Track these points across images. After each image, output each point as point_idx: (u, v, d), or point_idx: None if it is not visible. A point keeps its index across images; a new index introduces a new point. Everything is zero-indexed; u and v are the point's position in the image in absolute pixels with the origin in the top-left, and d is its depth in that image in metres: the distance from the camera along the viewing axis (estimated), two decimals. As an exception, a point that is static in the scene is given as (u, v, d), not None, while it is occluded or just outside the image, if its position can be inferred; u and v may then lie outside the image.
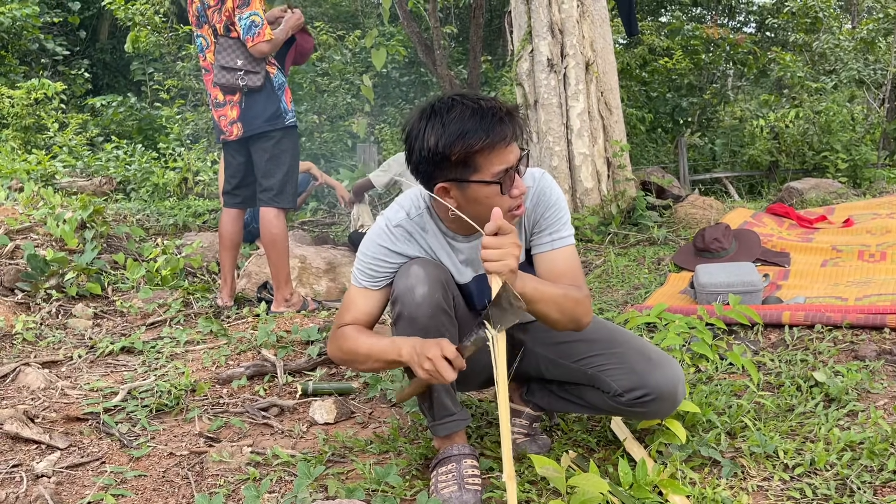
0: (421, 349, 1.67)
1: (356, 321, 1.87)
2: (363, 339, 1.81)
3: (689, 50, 11.96)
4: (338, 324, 1.89)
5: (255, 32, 3.45)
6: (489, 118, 1.61)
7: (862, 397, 2.29)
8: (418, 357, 1.66)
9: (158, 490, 2.00)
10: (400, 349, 1.72)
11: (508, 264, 1.53)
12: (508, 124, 1.63)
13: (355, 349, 1.81)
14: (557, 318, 1.72)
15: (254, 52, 3.49)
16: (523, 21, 5.93)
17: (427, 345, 1.67)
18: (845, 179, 8.35)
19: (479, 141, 1.61)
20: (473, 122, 1.61)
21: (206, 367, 2.95)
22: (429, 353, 1.64)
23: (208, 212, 6.74)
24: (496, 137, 1.61)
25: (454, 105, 1.64)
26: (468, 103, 1.64)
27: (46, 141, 9.95)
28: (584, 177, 5.70)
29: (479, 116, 1.61)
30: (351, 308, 1.88)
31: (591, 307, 1.83)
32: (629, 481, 1.78)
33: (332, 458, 2.14)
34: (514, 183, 1.67)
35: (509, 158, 1.64)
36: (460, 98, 1.66)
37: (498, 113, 1.62)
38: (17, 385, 2.76)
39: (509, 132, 1.63)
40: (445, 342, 1.67)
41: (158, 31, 11.72)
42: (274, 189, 3.62)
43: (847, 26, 14.19)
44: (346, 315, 1.88)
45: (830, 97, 10.06)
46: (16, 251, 4.20)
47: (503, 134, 1.62)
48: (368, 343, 1.80)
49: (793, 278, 3.86)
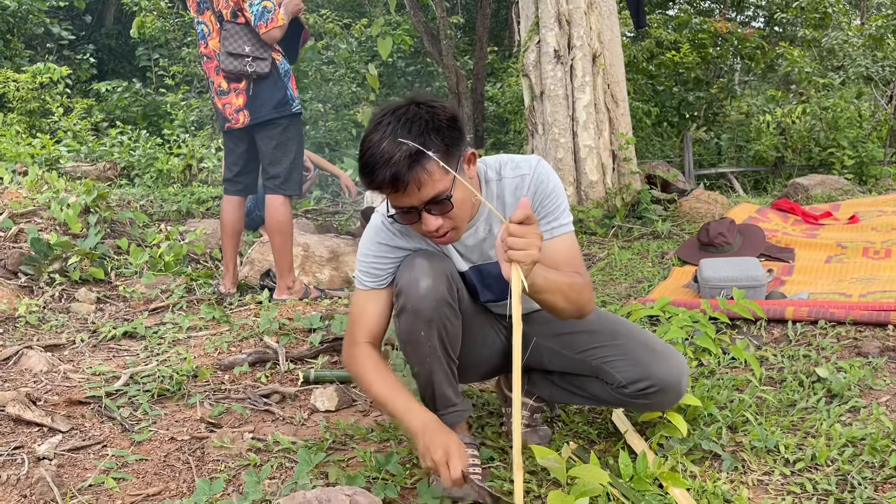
0: (430, 440, 1.64)
1: (371, 335, 1.84)
2: (380, 385, 1.78)
3: (697, 44, 11.90)
4: (352, 340, 1.85)
5: (269, 18, 3.43)
6: (373, 163, 1.56)
7: (864, 394, 2.29)
8: (423, 446, 1.65)
9: (159, 474, 2.01)
10: (410, 423, 1.70)
11: (532, 255, 1.50)
12: (387, 172, 1.54)
13: (370, 390, 1.80)
14: (564, 306, 1.71)
15: (266, 38, 3.46)
16: (531, 12, 5.90)
17: (437, 440, 1.64)
18: (851, 176, 8.31)
19: (365, 184, 1.61)
20: (363, 162, 1.58)
21: (208, 354, 2.95)
22: (434, 455, 1.62)
23: (212, 199, 6.73)
24: (373, 185, 1.59)
25: (376, 129, 1.59)
26: (375, 138, 1.57)
27: (51, 125, 9.96)
28: (589, 169, 5.69)
29: (369, 156, 1.57)
30: (362, 318, 1.84)
31: (593, 294, 1.82)
32: (630, 473, 1.78)
33: (333, 445, 2.14)
34: (418, 220, 1.64)
35: (402, 201, 1.60)
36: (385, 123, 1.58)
37: (384, 157, 1.54)
38: (19, 368, 2.76)
39: (386, 183, 1.56)
40: (454, 449, 1.63)
41: (164, 16, 11.70)
42: (281, 176, 3.62)
43: (856, 22, 14.12)
44: (358, 330, 1.84)
45: (838, 93, 10.00)
46: (19, 235, 4.21)
47: (378, 182, 1.57)
48: (383, 389, 1.77)
49: (797, 274, 3.85)
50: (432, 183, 1.58)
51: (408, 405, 1.73)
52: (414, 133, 1.56)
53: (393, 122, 1.58)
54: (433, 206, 1.61)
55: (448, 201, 1.61)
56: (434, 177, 1.57)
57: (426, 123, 1.57)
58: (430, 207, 1.61)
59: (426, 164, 1.56)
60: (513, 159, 1.82)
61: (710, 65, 12.36)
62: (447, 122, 1.61)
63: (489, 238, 1.82)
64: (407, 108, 1.60)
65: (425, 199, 1.59)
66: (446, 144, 1.59)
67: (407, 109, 1.60)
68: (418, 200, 1.60)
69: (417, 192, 1.58)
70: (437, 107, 1.62)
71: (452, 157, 1.61)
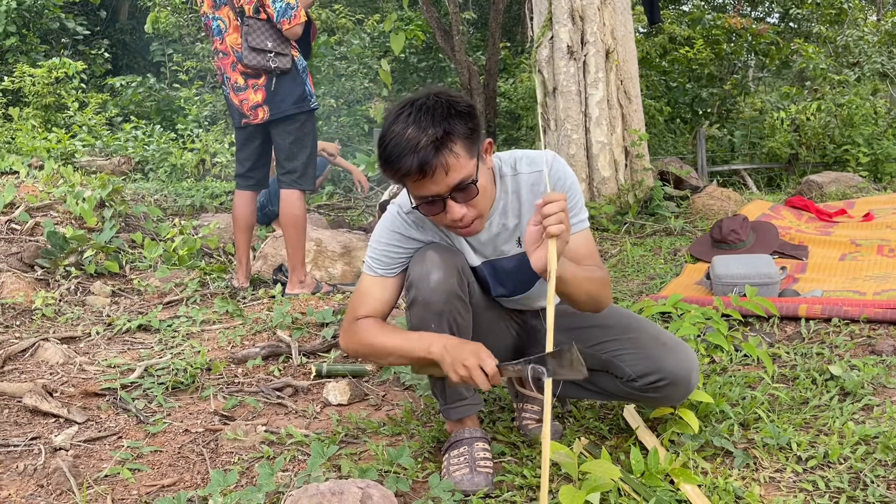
0: (456, 353, 1.64)
1: (373, 312, 1.84)
2: (386, 333, 1.79)
3: (711, 40, 11.83)
4: (353, 316, 1.85)
5: (292, 15, 3.44)
6: (399, 152, 1.56)
7: (878, 392, 2.28)
8: (452, 360, 1.64)
9: (174, 465, 2.03)
10: (429, 346, 1.69)
11: (566, 227, 1.52)
12: (415, 159, 1.54)
13: (377, 343, 1.78)
14: (585, 300, 1.72)
15: (289, 34, 3.48)
16: (544, 7, 5.89)
17: (464, 350, 1.64)
18: (866, 173, 8.24)
19: (389, 175, 1.61)
20: (387, 153, 1.58)
21: (221, 347, 2.98)
22: (466, 361, 1.62)
23: (225, 193, 6.77)
24: (399, 174, 1.59)
25: (396, 120, 1.59)
26: (398, 128, 1.57)
27: (66, 120, 10.03)
28: (602, 165, 5.67)
29: (393, 145, 1.57)
30: (366, 299, 1.84)
31: (611, 289, 1.82)
32: (641, 469, 1.78)
33: (346, 438, 2.16)
34: (442, 210, 1.64)
35: (428, 189, 1.60)
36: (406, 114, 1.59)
37: (410, 144, 1.55)
38: (36, 360, 2.80)
39: (413, 170, 1.56)
40: (484, 352, 1.64)
41: (178, 12, 11.75)
42: (297, 171, 3.64)
43: (872, 18, 13.98)
44: (361, 307, 1.84)
45: (853, 90, 9.93)
46: (36, 228, 4.25)
47: (405, 170, 1.57)
48: (393, 337, 1.77)
49: (810, 271, 3.83)
50: (459, 167, 1.58)
51: (422, 335, 1.73)
52: (438, 118, 1.57)
53: (413, 111, 1.59)
54: (458, 192, 1.61)
55: (474, 185, 1.62)
56: (461, 160, 1.59)
57: (447, 109, 1.59)
58: (456, 195, 1.62)
59: (453, 146, 1.57)
60: (527, 154, 1.82)
61: (723, 61, 12.28)
62: (467, 108, 1.62)
63: (503, 233, 1.83)
64: (426, 99, 1.61)
65: (452, 184, 1.59)
66: (469, 129, 1.60)
67: (427, 99, 1.61)
68: (445, 186, 1.59)
69: (445, 178, 1.58)
70: (455, 96, 1.64)
71: (475, 144, 1.63)
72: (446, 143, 1.56)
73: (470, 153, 1.60)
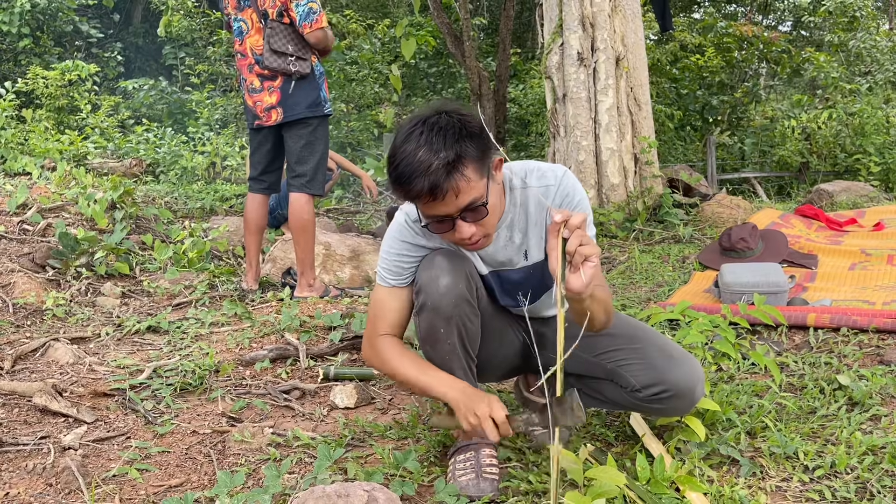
0: (470, 402, 1.69)
1: (391, 328, 1.86)
2: (405, 362, 1.82)
3: (722, 47, 11.81)
4: (374, 331, 1.87)
5: (314, 19, 3.47)
6: (409, 173, 1.55)
7: (886, 402, 2.27)
8: (465, 408, 1.69)
9: (181, 466, 2.04)
10: (447, 392, 1.74)
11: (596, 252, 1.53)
12: (426, 182, 1.54)
13: (398, 371, 1.82)
14: (601, 317, 1.72)
15: (310, 38, 3.51)
16: (554, 14, 5.90)
17: (477, 400, 1.69)
18: (878, 183, 8.19)
19: (399, 194, 1.61)
20: (398, 174, 1.57)
21: (229, 349, 2.99)
22: (477, 410, 1.67)
23: (235, 196, 6.81)
24: (410, 196, 1.59)
25: (408, 139, 1.58)
26: (409, 148, 1.56)
27: (79, 122, 10.10)
28: (611, 172, 5.67)
29: (404, 166, 1.56)
30: (383, 313, 1.87)
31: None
32: (646, 476, 1.78)
33: (352, 441, 2.16)
34: (451, 229, 1.64)
35: (438, 210, 1.60)
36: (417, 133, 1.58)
37: (422, 167, 1.54)
38: (46, 359, 2.82)
39: (424, 193, 1.55)
40: (497, 404, 1.68)
41: (190, 15, 11.83)
42: (307, 175, 3.66)
43: (884, 27, 13.93)
44: (380, 323, 1.87)
45: (865, 99, 9.88)
46: (48, 229, 4.29)
47: (416, 192, 1.56)
48: (411, 368, 1.81)
49: (820, 280, 3.81)
50: (469, 189, 1.58)
51: (441, 377, 1.78)
52: (449, 140, 1.56)
53: (425, 131, 1.58)
54: (468, 213, 1.61)
55: (484, 207, 1.62)
56: (471, 183, 1.58)
57: (459, 130, 1.58)
58: (466, 215, 1.62)
59: (464, 170, 1.57)
60: (539, 167, 1.81)
61: (734, 69, 12.26)
62: (478, 128, 1.62)
63: (509, 245, 1.83)
64: (438, 118, 1.60)
65: (462, 206, 1.60)
66: (480, 150, 1.60)
67: (438, 118, 1.60)
68: (455, 208, 1.60)
69: (455, 200, 1.58)
70: (466, 114, 1.63)
71: (485, 163, 1.62)
72: (458, 166, 1.56)
73: (480, 174, 1.60)
